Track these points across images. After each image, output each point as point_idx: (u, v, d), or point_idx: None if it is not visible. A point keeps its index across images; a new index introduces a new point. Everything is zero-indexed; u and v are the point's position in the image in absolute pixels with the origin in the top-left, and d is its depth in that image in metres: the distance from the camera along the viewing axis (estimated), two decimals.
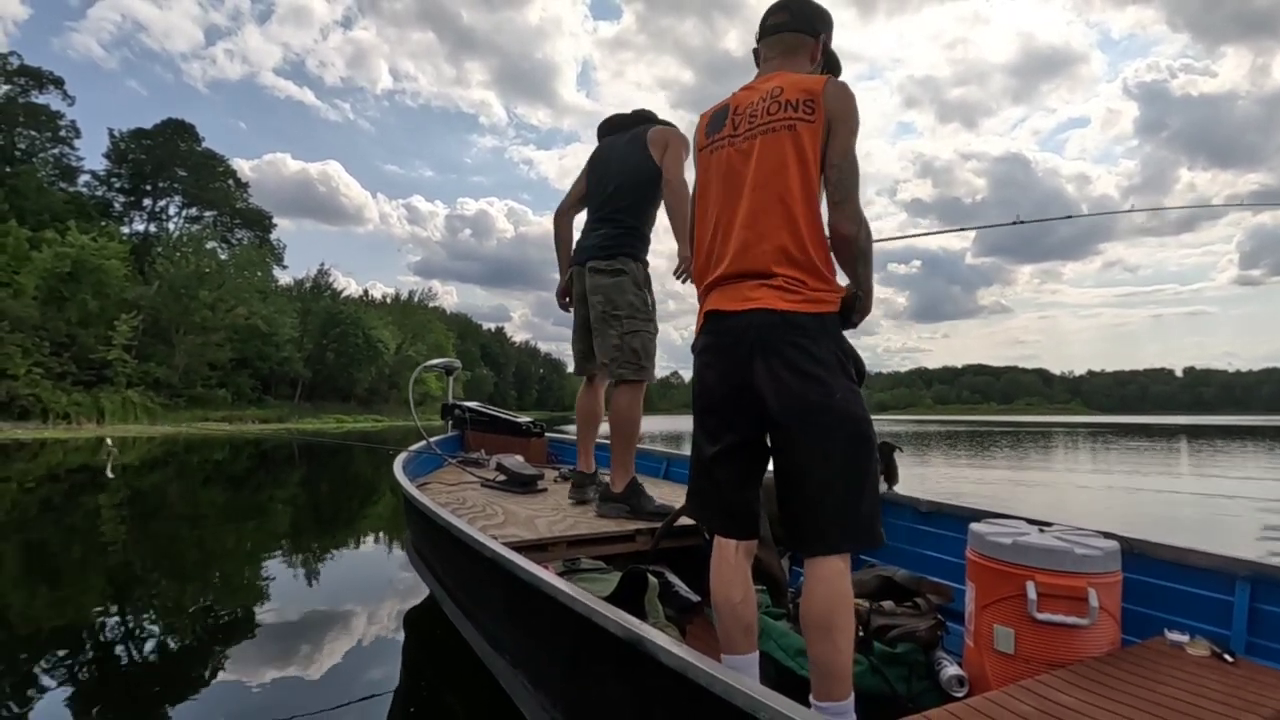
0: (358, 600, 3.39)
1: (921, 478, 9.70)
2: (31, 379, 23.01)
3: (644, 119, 2.71)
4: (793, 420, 1.32)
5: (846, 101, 1.39)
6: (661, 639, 1.09)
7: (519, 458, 3.29)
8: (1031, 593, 1.46)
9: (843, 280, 1.44)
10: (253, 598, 3.57)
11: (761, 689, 0.91)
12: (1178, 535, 1.64)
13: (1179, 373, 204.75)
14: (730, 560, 1.45)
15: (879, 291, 1.47)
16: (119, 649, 2.76)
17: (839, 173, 1.36)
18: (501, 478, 3.02)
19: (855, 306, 1.39)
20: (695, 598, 2.18)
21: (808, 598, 1.30)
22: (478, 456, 3.68)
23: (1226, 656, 1.37)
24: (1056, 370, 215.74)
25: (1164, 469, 11.77)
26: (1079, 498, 8.03)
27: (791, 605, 1.93)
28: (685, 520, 2.34)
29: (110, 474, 9.28)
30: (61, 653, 2.71)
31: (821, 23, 1.55)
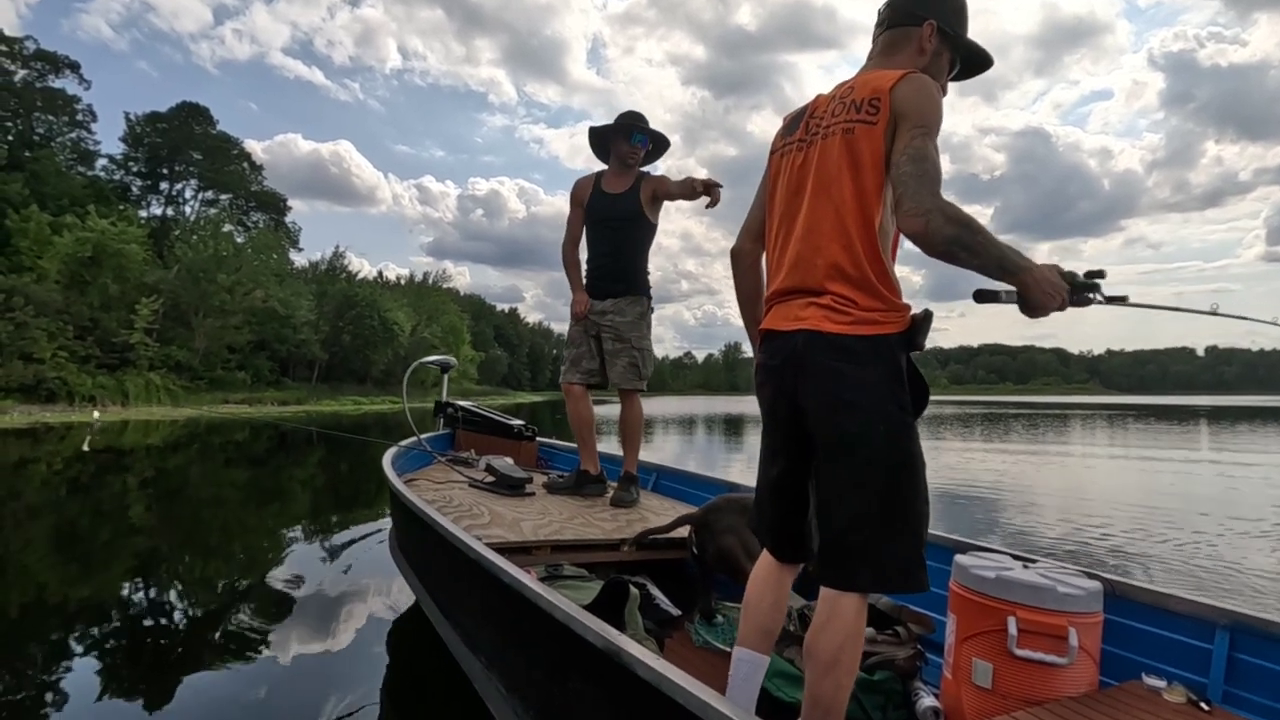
0: (352, 595, 3.47)
1: (932, 472, 9.60)
2: (57, 362, 23.47)
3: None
4: (827, 450, 1.24)
5: (916, 98, 1.23)
6: (639, 651, 1.08)
7: (509, 460, 3.27)
8: (1012, 628, 1.43)
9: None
10: (254, 580, 3.77)
11: (738, 710, 0.89)
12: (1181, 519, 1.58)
13: (1200, 352, 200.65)
14: (773, 572, 1.41)
15: (899, 270, 1.31)
16: (128, 632, 2.91)
17: (896, 169, 1.21)
18: (490, 479, 3.00)
19: (923, 327, 1.25)
20: (676, 611, 2.17)
21: (817, 631, 1.21)
22: (467, 456, 3.67)
23: (1203, 705, 1.34)
24: (1074, 350, 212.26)
25: (1180, 462, 11.54)
26: (1084, 494, 7.91)
27: None
28: (676, 533, 2.32)
29: (87, 448, 9.36)
30: (83, 626, 2.94)
31: (924, 6, 1.35)
